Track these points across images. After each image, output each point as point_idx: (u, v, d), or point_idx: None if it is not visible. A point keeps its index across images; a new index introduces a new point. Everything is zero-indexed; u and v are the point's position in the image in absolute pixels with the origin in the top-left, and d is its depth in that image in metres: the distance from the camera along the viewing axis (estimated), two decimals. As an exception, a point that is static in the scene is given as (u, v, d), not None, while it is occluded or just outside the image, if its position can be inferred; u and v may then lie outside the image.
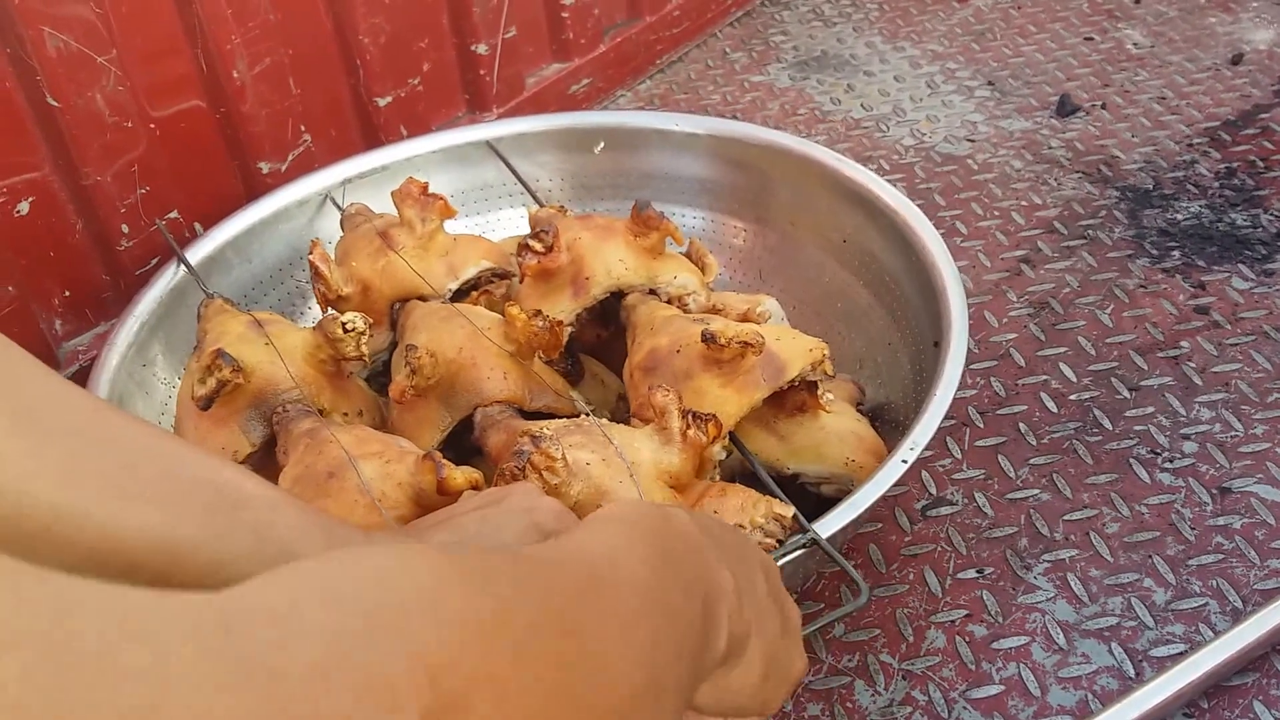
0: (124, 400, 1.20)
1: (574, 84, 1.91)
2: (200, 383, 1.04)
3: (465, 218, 1.49)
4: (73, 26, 1.26)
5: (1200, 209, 1.61)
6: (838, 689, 1.03)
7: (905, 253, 1.27)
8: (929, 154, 1.79)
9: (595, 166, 1.54)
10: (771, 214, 1.47)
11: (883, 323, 1.32)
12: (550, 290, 1.18)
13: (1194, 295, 1.46)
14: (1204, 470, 1.22)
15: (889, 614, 1.09)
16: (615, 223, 1.22)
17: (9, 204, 1.27)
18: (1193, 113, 1.83)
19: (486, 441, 1.03)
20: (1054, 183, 1.70)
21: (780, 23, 2.22)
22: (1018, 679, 1.03)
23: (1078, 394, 1.33)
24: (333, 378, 1.12)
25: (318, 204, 1.45)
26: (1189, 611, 1.07)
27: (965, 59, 2.04)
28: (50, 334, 1.35)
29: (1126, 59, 1.99)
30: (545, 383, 1.10)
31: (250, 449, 1.06)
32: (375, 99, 1.62)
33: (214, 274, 1.34)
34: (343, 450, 0.96)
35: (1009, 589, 1.11)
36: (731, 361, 1.02)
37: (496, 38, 1.74)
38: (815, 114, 1.92)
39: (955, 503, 1.21)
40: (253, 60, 1.44)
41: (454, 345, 1.08)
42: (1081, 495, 1.20)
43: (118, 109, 1.33)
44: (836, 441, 1.10)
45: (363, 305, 1.22)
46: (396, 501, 0.92)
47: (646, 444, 0.93)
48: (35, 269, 1.32)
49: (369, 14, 1.56)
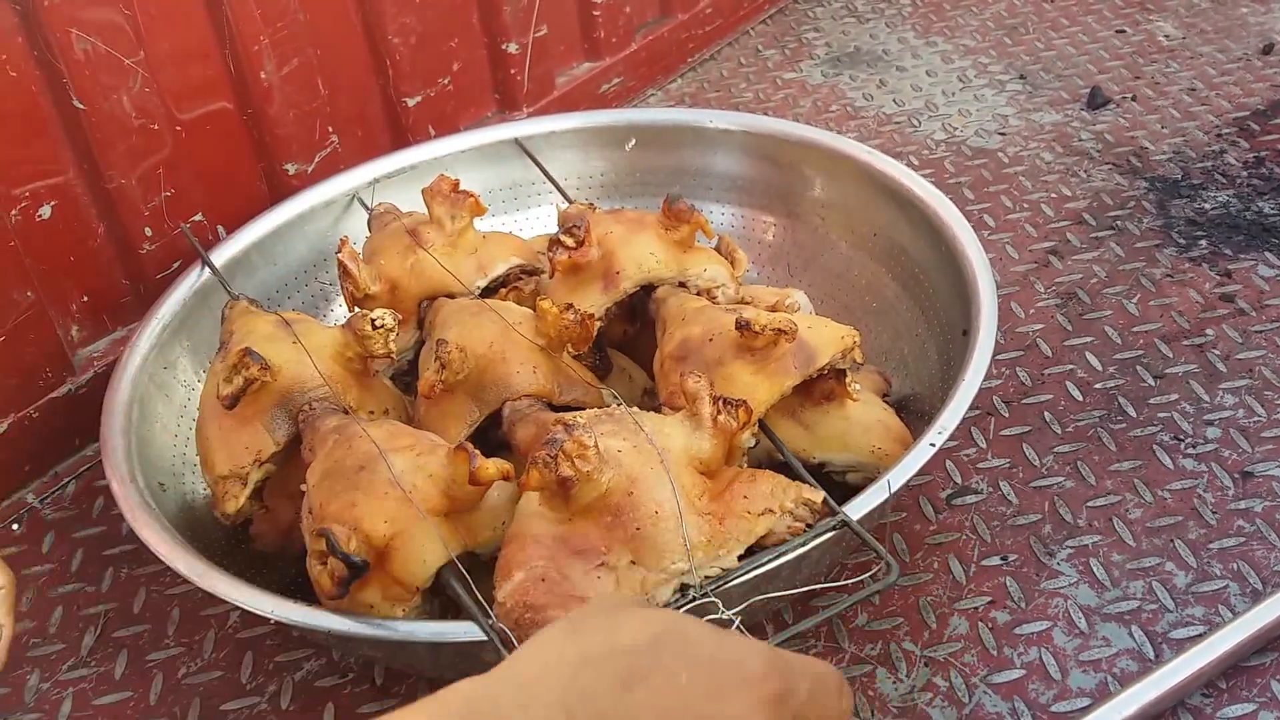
0: (144, 402, 1.21)
1: (605, 83, 1.92)
2: (226, 381, 1.05)
3: (494, 216, 1.50)
4: (101, 28, 1.26)
5: (1228, 198, 1.62)
6: (859, 677, 1.05)
7: (936, 244, 1.29)
8: (960, 148, 1.80)
9: (625, 164, 1.57)
10: (802, 209, 1.49)
11: (911, 314, 1.34)
12: (580, 284, 1.20)
13: (1220, 283, 1.47)
14: (1226, 455, 1.23)
15: (912, 602, 1.12)
16: (646, 216, 1.24)
17: (31, 208, 1.28)
18: (1222, 103, 1.83)
19: (515, 435, 1.05)
20: (1083, 174, 1.71)
21: (813, 19, 2.24)
22: (1039, 663, 1.05)
23: (1103, 382, 1.34)
24: (359, 376, 1.13)
25: (344, 205, 1.46)
26: (1209, 594, 1.09)
27: (997, 53, 2.05)
28: (66, 340, 1.36)
29: (1158, 51, 1.99)
30: (575, 377, 1.12)
31: (275, 447, 1.07)
32: (404, 99, 1.62)
33: (238, 276, 1.35)
34: (373, 444, 0.97)
35: (1032, 575, 1.13)
36: (764, 349, 1.04)
37: (527, 37, 1.75)
38: (847, 110, 1.94)
39: (980, 491, 1.23)
40: (281, 61, 1.44)
41: (484, 340, 1.10)
42: (1105, 482, 1.22)
43: (144, 111, 1.33)
44: (863, 430, 1.12)
45: (390, 304, 1.23)
46: (427, 494, 0.93)
47: (677, 431, 0.96)
48: (55, 274, 1.33)
49: (399, 14, 1.57)
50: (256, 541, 1.15)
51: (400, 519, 0.92)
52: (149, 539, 1.02)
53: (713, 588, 0.89)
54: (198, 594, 1.19)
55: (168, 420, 1.24)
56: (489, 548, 0.97)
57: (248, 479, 1.07)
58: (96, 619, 1.20)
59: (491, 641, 0.87)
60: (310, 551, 0.94)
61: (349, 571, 0.90)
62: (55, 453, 1.36)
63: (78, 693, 1.13)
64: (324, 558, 0.91)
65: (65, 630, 1.19)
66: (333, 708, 1.08)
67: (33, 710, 1.12)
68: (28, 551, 1.29)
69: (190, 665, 1.14)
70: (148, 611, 1.20)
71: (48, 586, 1.25)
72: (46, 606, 1.22)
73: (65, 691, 1.13)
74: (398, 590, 0.93)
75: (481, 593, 0.90)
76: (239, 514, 1.08)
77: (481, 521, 0.96)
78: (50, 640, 1.18)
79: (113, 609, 1.21)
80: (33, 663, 1.16)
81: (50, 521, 1.32)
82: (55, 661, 1.16)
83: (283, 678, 1.11)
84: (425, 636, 0.92)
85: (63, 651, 1.17)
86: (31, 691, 1.13)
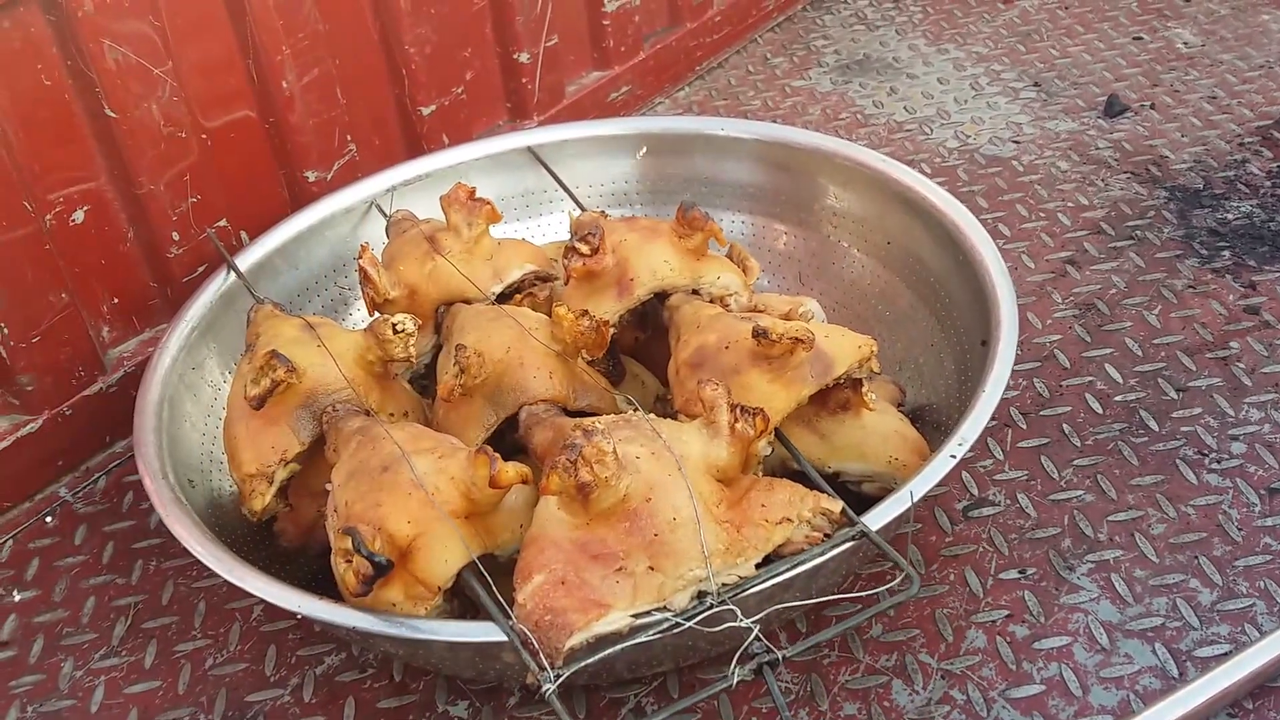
0: (174, 402, 1.24)
1: (613, 91, 1.93)
2: (254, 383, 1.07)
3: (507, 223, 1.51)
4: (132, 39, 1.30)
5: (1251, 208, 1.59)
6: (875, 688, 1.04)
7: (953, 253, 1.28)
8: (973, 156, 1.79)
9: (637, 172, 1.57)
10: (815, 217, 1.48)
11: (925, 324, 1.33)
12: (594, 291, 1.20)
13: (1244, 295, 1.45)
14: (1252, 471, 1.20)
15: (928, 614, 1.10)
16: (660, 224, 1.24)
17: (65, 213, 1.32)
18: (1244, 112, 1.81)
19: (532, 439, 1.05)
20: (1101, 183, 1.69)
21: (821, 27, 2.22)
22: (1059, 679, 1.03)
23: (1123, 395, 1.32)
24: (380, 379, 1.15)
25: (362, 211, 1.49)
26: (1235, 612, 1.06)
27: (1010, 60, 2.03)
28: (98, 340, 1.40)
29: (1176, 58, 1.97)
30: (589, 382, 1.12)
31: (300, 447, 1.10)
32: (419, 108, 1.65)
33: (261, 280, 1.38)
34: (396, 446, 0.98)
35: (1051, 589, 1.11)
36: (780, 357, 1.04)
37: (539, 46, 1.77)
38: (857, 118, 1.93)
39: (997, 503, 1.21)
40: (302, 71, 1.48)
41: (502, 345, 1.11)
42: (1127, 496, 1.19)
43: (172, 119, 1.37)
44: (879, 440, 1.10)
45: (409, 308, 1.25)
46: (449, 496, 0.94)
47: (695, 438, 0.95)
48: (86, 276, 1.37)
49: (415, 24, 1.59)
50: (280, 538, 1.17)
51: (423, 520, 0.93)
52: (182, 535, 1.05)
53: (730, 595, 0.88)
54: (223, 587, 1.21)
55: (196, 419, 1.26)
56: (507, 550, 0.97)
57: (274, 477, 1.09)
58: (127, 610, 1.22)
59: (510, 641, 0.87)
60: (335, 549, 0.95)
61: (374, 570, 0.91)
62: (87, 448, 1.40)
63: (109, 681, 1.14)
64: (349, 556, 0.91)
65: (97, 620, 1.21)
66: (353, 702, 1.09)
67: (66, 697, 1.13)
68: (61, 543, 1.31)
69: (216, 657, 1.16)
70: (176, 604, 1.22)
71: (80, 578, 1.26)
72: (79, 597, 1.24)
73: (97, 679, 1.15)
74: (420, 589, 0.93)
75: (499, 593, 0.91)
76: (265, 511, 1.11)
77: (500, 524, 0.97)
78: (83, 630, 1.20)
79: (142, 601, 1.23)
80: (66, 651, 1.18)
81: (82, 515, 1.34)
82: (87, 650, 1.18)
83: (305, 671, 1.12)
84: (448, 636, 0.93)
85: (94, 641, 1.19)
86: (65, 679, 1.15)
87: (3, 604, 1.24)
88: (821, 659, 1.06)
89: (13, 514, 1.34)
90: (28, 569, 1.28)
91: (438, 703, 1.07)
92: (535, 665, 0.84)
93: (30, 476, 1.35)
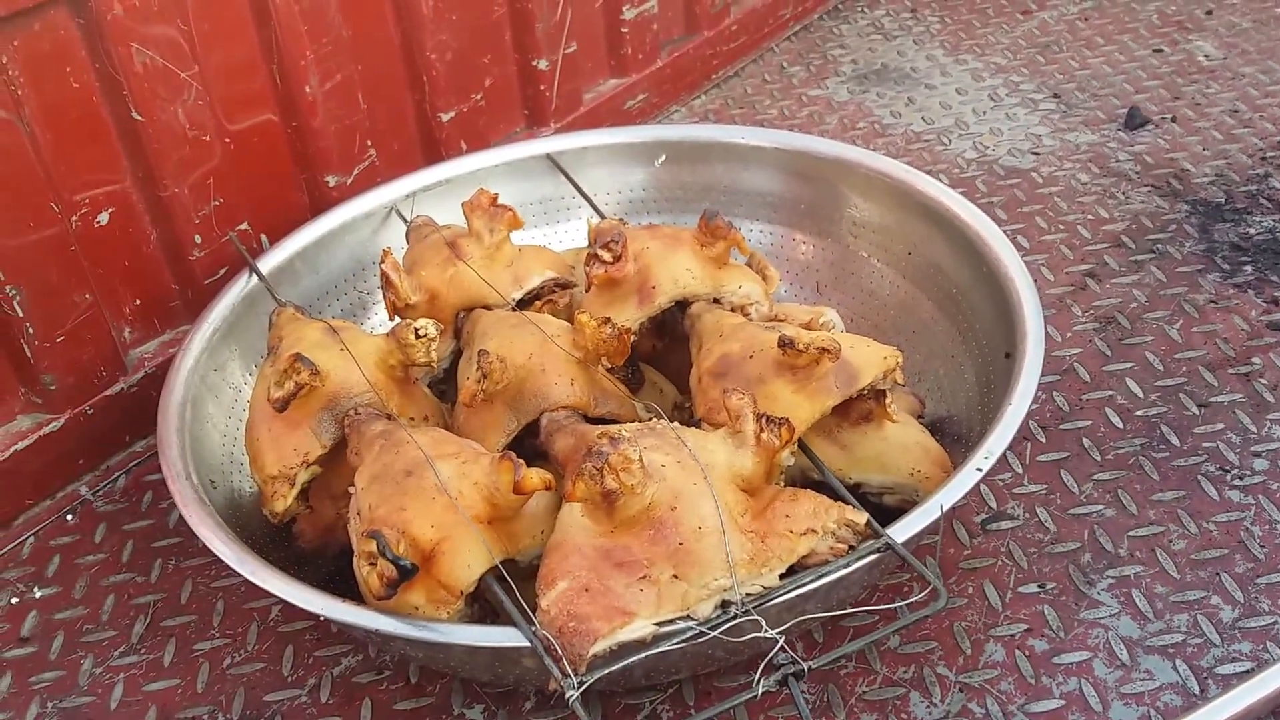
0: (196, 403, 1.24)
1: (630, 99, 1.93)
2: (278, 385, 1.08)
3: (525, 230, 1.50)
4: (159, 43, 1.31)
5: (1274, 223, 1.59)
6: (892, 700, 1.03)
7: (975, 264, 1.27)
8: (991, 167, 1.78)
9: (655, 180, 1.57)
10: (835, 227, 1.48)
11: (946, 335, 1.32)
12: (615, 299, 1.20)
13: (1267, 310, 1.44)
14: (1275, 488, 1.20)
15: (946, 627, 1.09)
16: (682, 232, 1.24)
17: (90, 214, 1.33)
18: (1266, 125, 1.80)
19: (553, 445, 1.05)
20: (1122, 196, 1.68)
21: (839, 36, 2.22)
22: (1078, 694, 1.02)
23: (1144, 410, 1.32)
24: (401, 383, 1.16)
25: (382, 216, 1.49)
26: (1258, 630, 1.06)
27: (1030, 71, 2.03)
28: (120, 341, 1.40)
29: (1198, 71, 1.97)
30: (610, 389, 1.12)
31: (321, 450, 1.10)
32: (439, 114, 1.66)
33: (282, 284, 1.39)
34: (420, 450, 0.99)
35: (1071, 604, 1.10)
36: (806, 367, 1.03)
37: (557, 53, 1.77)
38: (874, 128, 1.92)
39: (1016, 517, 1.20)
40: (324, 76, 1.48)
41: (524, 351, 1.11)
42: (1148, 511, 1.19)
43: (196, 123, 1.38)
44: (901, 452, 1.10)
45: (430, 313, 1.26)
46: (472, 500, 0.95)
47: (720, 447, 0.95)
48: (110, 277, 1.38)
49: (436, 31, 1.60)
50: (298, 539, 1.18)
51: (446, 524, 0.93)
52: (206, 536, 1.05)
53: (755, 605, 0.88)
54: (241, 587, 1.22)
55: (217, 420, 1.27)
56: (529, 555, 0.98)
57: (295, 479, 1.10)
58: (146, 608, 1.23)
59: (533, 647, 0.87)
60: (358, 552, 0.95)
61: (398, 574, 0.91)
62: (108, 448, 1.41)
63: (128, 678, 1.15)
64: (373, 559, 0.92)
65: (116, 618, 1.22)
66: (370, 703, 1.09)
67: (86, 693, 1.14)
68: (81, 541, 1.32)
69: (234, 656, 1.16)
70: (194, 603, 1.23)
71: (100, 575, 1.27)
72: (99, 594, 1.25)
73: (117, 677, 1.15)
74: (442, 593, 0.93)
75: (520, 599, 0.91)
76: (286, 513, 1.11)
77: (522, 529, 0.97)
78: (102, 627, 1.21)
79: (161, 599, 1.24)
80: (86, 648, 1.19)
81: (102, 513, 1.35)
82: (107, 647, 1.19)
83: (322, 672, 1.13)
84: (471, 640, 0.93)
85: (114, 638, 1.20)
86: (85, 675, 1.16)
87: (24, 601, 1.25)
88: (839, 670, 1.06)
89: (34, 511, 1.35)
90: (48, 566, 1.29)
91: (454, 705, 1.08)
92: (558, 671, 0.84)
93: (51, 475, 1.35)
